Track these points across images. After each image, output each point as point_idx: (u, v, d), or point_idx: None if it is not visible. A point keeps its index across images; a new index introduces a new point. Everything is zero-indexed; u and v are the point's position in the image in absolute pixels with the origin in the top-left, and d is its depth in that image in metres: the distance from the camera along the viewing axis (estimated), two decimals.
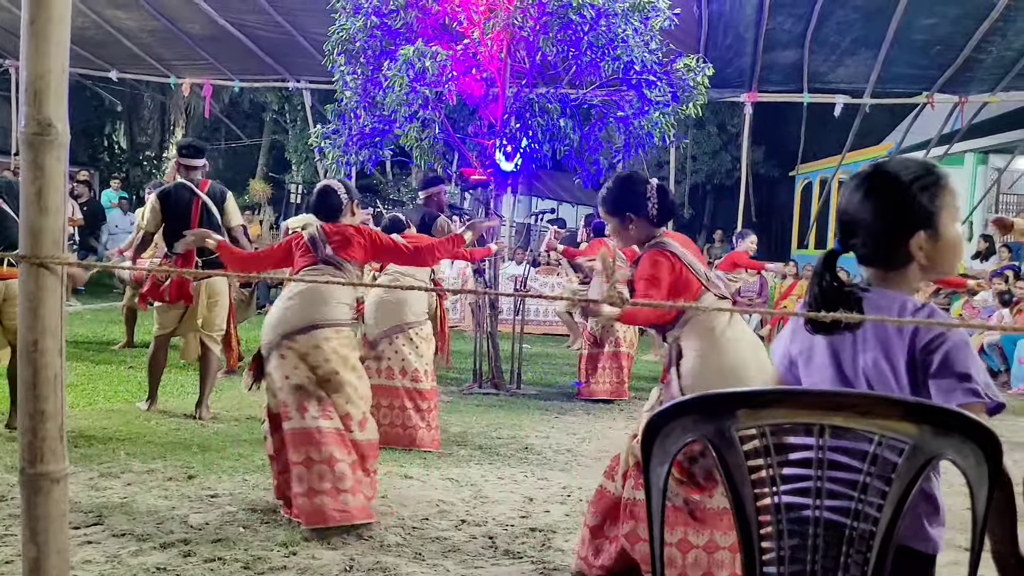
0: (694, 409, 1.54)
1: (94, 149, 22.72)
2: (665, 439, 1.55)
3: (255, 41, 12.46)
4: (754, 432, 1.51)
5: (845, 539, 1.53)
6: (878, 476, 1.49)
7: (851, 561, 1.54)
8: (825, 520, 1.53)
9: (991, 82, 11.77)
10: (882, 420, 1.46)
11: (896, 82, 11.94)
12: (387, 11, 7.11)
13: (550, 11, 6.67)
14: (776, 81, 12.11)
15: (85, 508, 3.78)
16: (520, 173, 7.46)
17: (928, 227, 1.72)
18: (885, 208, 1.74)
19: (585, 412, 6.93)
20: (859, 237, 1.77)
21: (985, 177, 16.32)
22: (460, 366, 8.48)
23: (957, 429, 1.44)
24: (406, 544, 3.57)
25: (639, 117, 7.11)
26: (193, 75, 13.79)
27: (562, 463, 5.14)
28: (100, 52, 13.35)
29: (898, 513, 1.49)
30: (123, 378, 7.01)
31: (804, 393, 1.59)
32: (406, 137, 7.19)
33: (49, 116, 1.57)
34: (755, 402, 1.52)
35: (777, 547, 1.55)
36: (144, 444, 4.97)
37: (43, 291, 1.56)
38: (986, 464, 1.43)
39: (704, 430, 1.53)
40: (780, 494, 1.53)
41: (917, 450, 1.45)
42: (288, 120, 21.94)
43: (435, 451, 5.20)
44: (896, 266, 1.77)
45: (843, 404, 1.49)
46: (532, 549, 3.59)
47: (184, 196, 5.71)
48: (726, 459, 1.53)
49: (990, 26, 10.24)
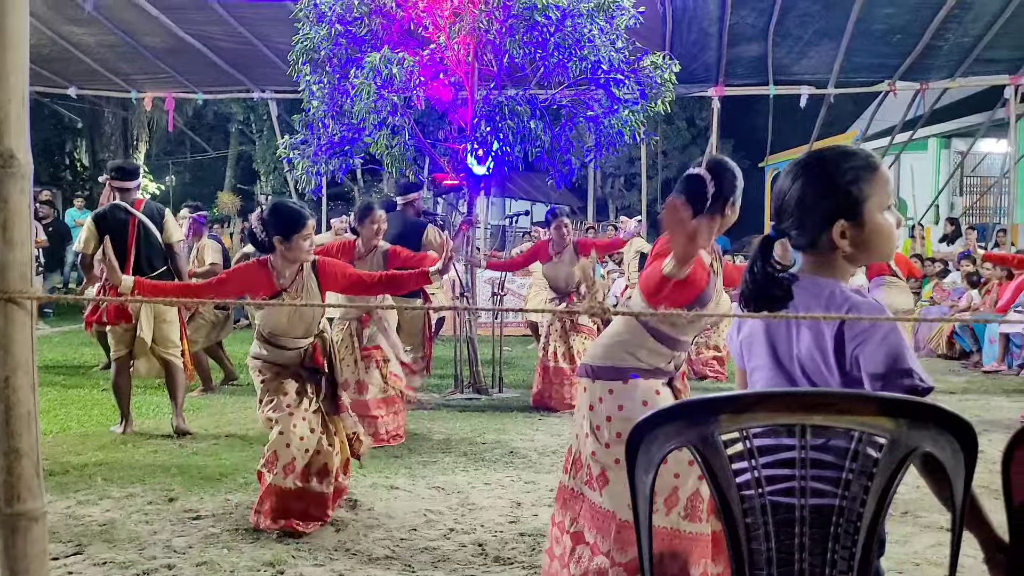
0: (677, 416, 1.54)
1: (55, 168, 22.37)
2: (649, 447, 1.55)
3: (217, 52, 12.32)
4: (737, 435, 1.52)
5: (831, 536, 1.54)
6: (860, 472, 1.50)
7: (838, 556, 1.55)
8: (811, 518, 1.54)
9: (950, 68, 12.01)
10: (861, 417, 1.48)
11: (858, 71, 12.13)
12: (351, 19, 7.05)
13: (515, 13, 6.66)
14: (742, 75, 12.23)
15: (64, 538, 3.68)
16: (492, 176, 7.44)
17: (851, 215, 1.73)
18: (808, 194, 1.75)
19: (569, 413, 6.90)
20: (788, 223, 1.79)
21: (949, 161, 16.59)
22: (441, 372, 8.45)
23: (933, 421, 1.46)
24: (395, 556, 3.54)
25: (609, 116, 7.12)
26: (155, 89, 13.63)
27: (548, 465, 5.11)
28: (58, 69, 13.13)
29: (881, 507, 1.51)
30: (96, 401, 6.86)
31: (784, 395, 1.60)
32: (376, 145, 7.15)
33: (11, 147, 1.53)
34: (736, 406, 1.52)
35: (765, 548, 1.56)
36: (122, 468, 4.87)
37: (12, 326, 1.53)
38: (962, 453, 1.45)
39: (688, 436, 1.53)
40: (766, 495, 1.54)
41: (896, 444, 1.47)
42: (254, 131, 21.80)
43: (419, 459, 5.21)
44: (822, 253, 1.78)
45: (822, 403, 1.50)
46: (522, 554, 3.58)
47: (120, 216, 5.72)
48: (711, 464, 1.54)
49: (947, 13, 10.44)
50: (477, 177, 7.36)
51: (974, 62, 11.67)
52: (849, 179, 1.73)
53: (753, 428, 1.51)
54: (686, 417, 1.53)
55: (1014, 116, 12.38)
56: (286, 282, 3.86)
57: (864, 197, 1.73)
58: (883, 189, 1.76)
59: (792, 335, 1.77)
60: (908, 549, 3.57)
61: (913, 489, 4.30)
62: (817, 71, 11.99)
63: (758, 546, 1.56)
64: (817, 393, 1.61)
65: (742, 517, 1.55)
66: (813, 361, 1.73)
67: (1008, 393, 8.05)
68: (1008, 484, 1.55)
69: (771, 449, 1.53)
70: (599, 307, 1.69)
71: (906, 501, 4.17)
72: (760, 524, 1.55)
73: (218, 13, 11.20)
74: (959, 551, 1.47)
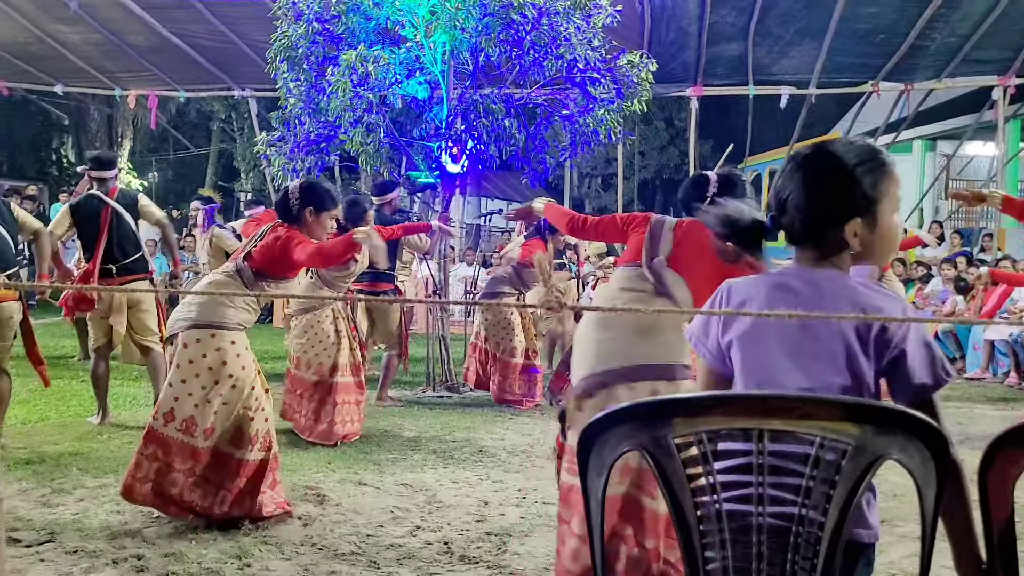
0: (629, 417, 1.48)
1: (42, 163, 22.50)
2: (601, 449, 1.49)
3: (199, 51, 12.32)
4: (691, 439, 1.46)
5: (791, 545, 1.48)
6: (821, 479, 1.44)
7: (798, 567, 1.49)
8: (769, 526, 1.47)
9: (936, 69, 11.86)
10: (822, 422, 1.41)
11: (841, 72, 12.02)
12: (329, 17, 7.00)
13: (492, 12, 6.61)
14: (721, 74, 12.15)
15: (37, 526, 3.70)
16: (467, 174, 7.40)
17: (866, 214, 1.65)
18: (822, 190, 1.67)
19: (540, 413, 6.90)
20: (791, 216, 1.70)
21: (934, 164, 16.49)
22: (413, 370, 8.44)
23: (900, 427, 1.39)
24: (361, 552, 3.51)
25: (584, 115, 7.07)
26: (138, 87, 13.63)
27: (517, 464, 5.09)
28: (44, 66, 13.21)
29: (844, 515, 1.44)
30: (74, 392, 6.93)
31: (740, 398, 1.54)
32: (351, 142, 7.09)
33: None
34: (691, 409, 1.46)
35: (720, 556, 1.50)
36: (97, 459, 4.88)
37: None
38: (933, 462, 1.39)
39: (640, 439, 1.47)
40: (721, 502, 1.48)
41: (860, 451, 1.40)
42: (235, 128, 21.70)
43: (388, 456, 5.20)
44: (828, 250, 1.69)
45: (781, 408, 1.43)
46: (488, 554, 3.55)
47: (94, 205, 5.86)
48: (664, 468, 1.47)
49: (933, 13, 10.30)
50: (452, 175, 7.31)
51: (961, 62, 11.49)
52: (867, 175, 1.65)
53: (708, 432, 1.45)
54: (638, 419, 1.47)
55: (1002, 118, 12.14)
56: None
57: (879, 196, 1.66)
58: (896, 189, 1.69)
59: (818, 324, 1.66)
60: (884, 559, 3.51)
61: (890, 497, 4.26)
62: (798, 71, 11.90)
63: (713, 554, 1.50)
64: (776, 396, 1.54)
65: (696, 524, 1.48)
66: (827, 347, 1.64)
67: (992, 401, 8.00)
68: (985, 496, 1.46)
69: (727, 454, 1.47)
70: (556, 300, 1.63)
71: (882, 510, 4.08)
72: (716, 531, 1.49)
73: (200, 12, 11.17)
74: (930, 564, 1.41)
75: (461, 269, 12.40)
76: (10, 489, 4.18)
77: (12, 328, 4.89)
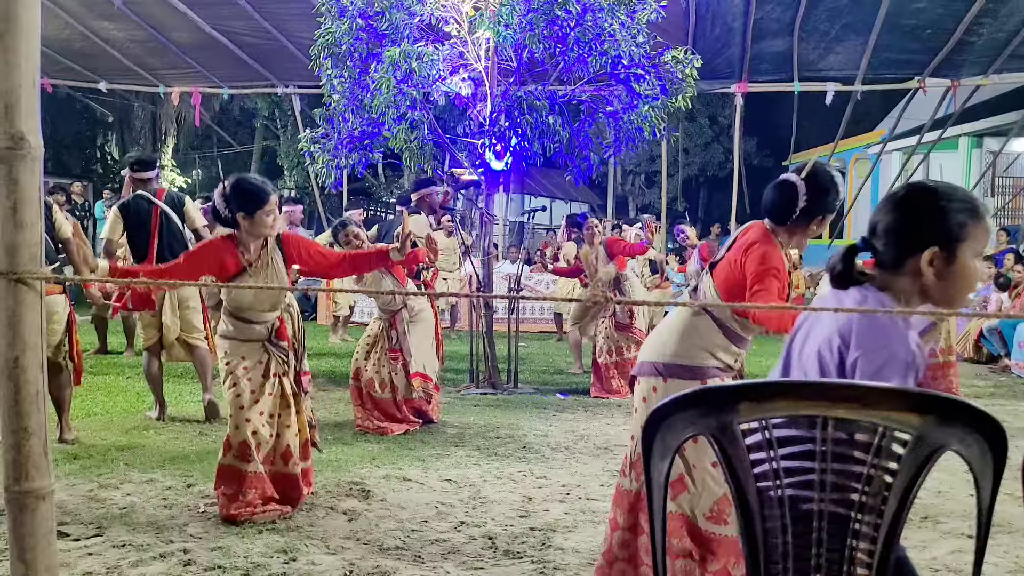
0: (696, 403, 1.51)
1: (87, 161, 22.69)
2: (666, 434, 1.52)
3: (242, 48, 12.39)
4: (756, 425, 1.48)
5: (850, 532, 1.50)
6: (882, 468, 1.45)
7: (856, 553, 1.51)
8: (829, 513, 1.49)
9: (983, 65, 11.64)
10: (886, 411, 1.43)
11: (887, 68, 11.84)
12: (372, 13, 7.05)
13: (536, 7, 6.62)
14: (766, 71, 12.03)
15: (85, 520, 3.77)
16: (511, 172, 7.42)
17: (946, 247, 1.72)
18: (912, 213, 1.76)
19: (583, 409, 6.90)
20: (880, 239, 1.79)
21: (980, 160, 16.28)
22: (456, 367, 8.45)
23: (961, 419, 1.41)
24: (405, 547, 3.55)
25: (628, 111, 7.04)
26: (182, 84, 13.73)
27: (561, 461, 5.11)
28: (89, 64, 13.29)
29: (903, 504, 1.46)
30: (120, 388, 7.02)
31: (806, 385, 1.56)
32: (395, 139, 7.14)
33: (21, 130, 1.53)
34: (757, 395, 1.49)
35: (781, 541, 1.52)
36: (143, 454, 4.97)
37: (22, 307, 1.52)
38: (991, 454, 1.40)
39: (706, 424, 1.50)
40: (784, 487, 1.50)
41: (921, 441, 1.42)
42: (279, 126, 21.90)
43: (432, 452, 5.25)
44: (900, 274, 1.77)
45: (846, 396, 1.46)
46: (532, 549, 3.57)
47: (143, 206, 5.96)
48: (728, 453, 1.50)
49: (980, 8, 10.12)
50: (495, 172, 7.34)
51: (1008, 58, 11.25)
52: (956, 213, 1.73)
53: (774, 418, 1.48)
54: (705, 404, 1.50)
55: None
56: (252, 256, 3.92)
57: (964, 236, 1.73)
58: (983, 238, 1.76)
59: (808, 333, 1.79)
60: (927, 555, 3.47)
61: (934, 495, 4.23)
62: (844, 67, 11.75)
63: (774, 539, 1.52)
64: (843, 385, 1.57)
65: (759, 509, 1.51)
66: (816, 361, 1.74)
67: None
68: None
69: (791, 440, 1.49)
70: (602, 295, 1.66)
71: (926, 506, 4.10)
72: (777, 517, 1.51)
73: (244, 9, 11.23)
74: (983, 558, 1.42)
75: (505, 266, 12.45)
76: (58, 484, 4.27)
77: (59, 323, 5.02)
